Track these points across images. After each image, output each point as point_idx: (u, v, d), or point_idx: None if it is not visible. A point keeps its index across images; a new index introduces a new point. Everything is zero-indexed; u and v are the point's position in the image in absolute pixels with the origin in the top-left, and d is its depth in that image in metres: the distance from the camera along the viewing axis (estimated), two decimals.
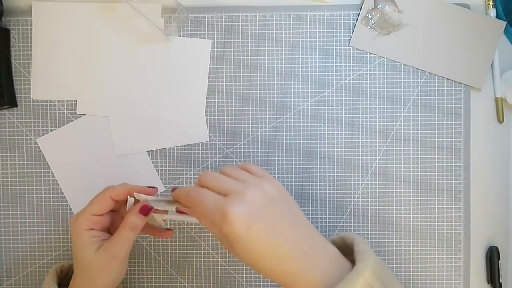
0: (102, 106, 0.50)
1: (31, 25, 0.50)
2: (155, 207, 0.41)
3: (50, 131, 0.50)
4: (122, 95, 0.50)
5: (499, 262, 0.50)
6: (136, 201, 0.42)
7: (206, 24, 0.50)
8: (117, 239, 0.40)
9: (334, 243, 0.37)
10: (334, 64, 0.51)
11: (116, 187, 0.42)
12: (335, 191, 0.51)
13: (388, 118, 0.51)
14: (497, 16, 0.50)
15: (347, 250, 0.36)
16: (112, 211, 0.43)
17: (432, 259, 0.51)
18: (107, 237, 0.42)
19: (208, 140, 0.51)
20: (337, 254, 0.35)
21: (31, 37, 0.50)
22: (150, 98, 0.50)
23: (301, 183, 0.51)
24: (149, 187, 0.43)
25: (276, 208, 0.34)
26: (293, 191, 0.51)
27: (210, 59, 0.51)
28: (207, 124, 0.51)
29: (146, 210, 0.41)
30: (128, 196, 0.42)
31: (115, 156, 0.50)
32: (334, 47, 0.51)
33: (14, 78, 0.50)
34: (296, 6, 0.50)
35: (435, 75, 0.51)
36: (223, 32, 0.50)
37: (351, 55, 0.51)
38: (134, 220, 0.40)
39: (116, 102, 0.50)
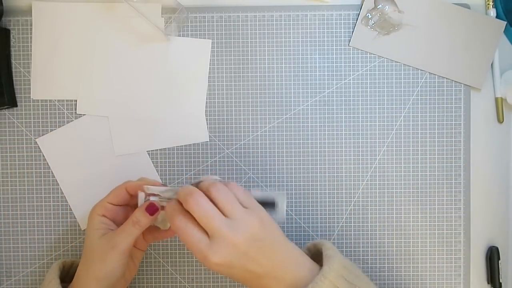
0: (102, 106, 0.50)
1: (31, 25, 0.50)
2: (162, 195, 0.41)
3: (50, 131, 0.50)
4: (122, 95, 0.50)
5: (499, 262, 0.50)
6: (147, 195, 0.42)
7: (206, 24, 0.50)
8: (119, 231, 0.42)
9: (309, 250, 0.43)
10: (334, 64, 0.51)
11: (132, 181, 0.44)
12: (335, 191, 0.51)
13: (388, 118, 0.51)
14: (497, 16, 0.50)
15: (319, 256, 0.40)
16: (129, 206, 0.45)
17: (432, 259, 0.51)
18: (112, 227, 0.43)
19: (208, 140, 0.51)
20: (307, 262, 0.39)
21: (31, 37, 0.50)
22: (150, 98, 0.50)
23: (301, 183, 0.51)
24: (162, 184, 0.44)
25: (258, 247, 0.37)
26: (293, 191, 0.51)
27: (210, 59, 0.51)
28: (207, 124, 0.51)
29: (152, 209, 0.41)
30: (139, 191, 0.42)
31: (115, 156, 0.50)
32: (334, 47, 0.51)
33: (14, 78, 0.50)
34: (296, 6, 0.50)
35: (435, 75, 0.51)
36: (223, 32, 0.50)
37: (351, 55, 0.51)
38: (139, 216, 0.41)
39: (116, 102, 0.50)
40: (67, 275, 0.45)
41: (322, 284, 0.36)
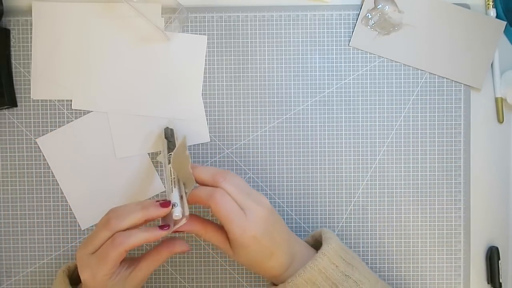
0: (101, 106, 0.50)
1: (31, 25, 0.50)
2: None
3: (50, 131, 0.50)
4: (122, 95, 0.50)
5: (499, 262, 0.50)
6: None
7: (206, 24, 0.50)
8: (148, 264, 0.41)
9: (308, 241, 0.46)
10: (334, 64, 0.51)
11: (132, 239, 0.38)
12: (335, 191, 0.51)
13: (388, 118, 0.51)
14: (497, 16, 0.50)
15: (318, 245, 0.43)
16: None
17: (432, 259, 0.51)
18: (120, 267, 0.40)
19: (209, 140, 0.51)
20: (307, 246, 0.44)
21: (31, 37, 0.50)
22: (150, 98, 0.50)
23: (301, 183, 0.51)
24: (161, 204, 0.40)
25: (273, 220, 0.41)
26: (293, 191, 0.51)
27: (210, 59, 0.50)
28: (207, 125, 0.50)
29: (181, 249, 0.42)
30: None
31: (115, 156, 0.50)
32: (334, 47, 0.51)
33: (14, 78, 0.50)
34: (296, 6, 0.50)
35: (435, 75, 0.51)
36: (223, 32, 0.50)
37: (351, 55, 0.51)
38: (167, 253, 0.42)
39: (115, 102, 0.50)
40: (71, 278, 0.45)
41: (321, 261, 0.40)
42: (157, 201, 0.40)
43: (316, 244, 0.45)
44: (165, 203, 0.40)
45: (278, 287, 0.41)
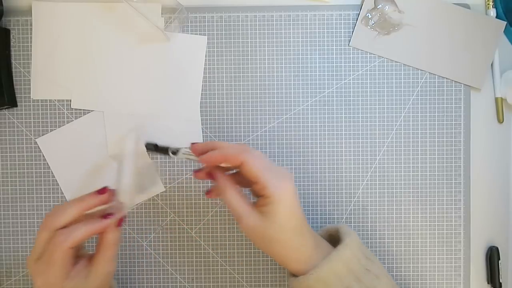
0: (101, 106, 0.50)
1: (31, 25, 0.50)
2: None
3: (50, 131, 0.50)
4: (122, 95, 0.50)
5: (499, 262, 0.50)
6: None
7: (206, 24, 0.50)
8: (105, 259, 0.39)
9: (321, 235, 0.44)
10: (334, 64, 0.51)
11: (73, 237, 0.37)
12: (335, 191, 0.51)
13: (388, 118, 0.51)
14: (497, 16, 0.50)
15: (332, 240, 0.43)
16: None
17: (432, 259, 0.51)
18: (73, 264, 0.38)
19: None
20: (323, 239, 0.43)
21: (31, 37, 0.50)
22: (150, 98, 0.50)
23: (301, 183, 0.51)
24: (97, 191, 0.39)
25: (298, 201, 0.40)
26: None
27: (211, 59, 0.51)
28: (205, 128, 0.50)
29: (120, 221, 0.40)
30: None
31: (108, 153, 0.50)
32: (334, 47, 0.51)
33: (14, 78, 0.50)
34: (296, 6, 0.50)
35: (435, 75, 0.51)
36: (223, 32, 0.50)
37: (351, 55, 0.51)
38: (114, 237, 0.39)
39: (115, 102, 0.50)
40: None
41: (345, 252, 0.39)
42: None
43: (330, 240, 0.43)
44: (102, 190, 0.39)
45: (299, 278, 0.39)
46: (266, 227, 0.38)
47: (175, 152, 0.42)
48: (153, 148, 0.44)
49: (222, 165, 0.41)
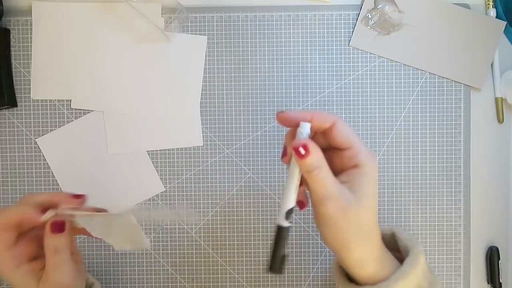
0: (100, 106, 0.50)
1: (31, 25, 0.50)
2: (77, 214, 0.36)
3: (50, 131, 0.50)
4: (122, 95, 0.50)
5: (499, 262, 0.50)
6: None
7: (206, 24, 0.50)
8: (51, 267, 0.35)
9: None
10: (334, 64, 0.51)
11: (26, 210, 0.35)
12: None
13: (388, 118, 0.51)
14: (497, 16, 0.50)
15: (387, 244, 0.38)
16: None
17: (432, 259, 0.51)
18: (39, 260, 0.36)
19: (202, 144, 0.50)
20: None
21: (31, 37, 0.50)
22: (150, 98, 0.50)
23: None
24: (74, 195, 0.37)
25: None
26: None
27: (211, 59, 0.51)
28: (205, 128, 0.50)
29: (58, 226, 0.36)
30: (50, 210, 0.36)
31: (115, 156, 0.50)
32: (334, 47, 0.51)
33: (14, 78, 0.50)
34: (296, 6, 0.50)
35: (435, 75, 0.51)
36: (223, 32, 0.50)
37: (351, 55, 0.51)
38: (52, 243, 0.35)
39: (115, 102, 0.50)
40: None
41: (419, 263, 0.35)
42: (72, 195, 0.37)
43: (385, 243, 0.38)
44: (79, 196, 0.37)
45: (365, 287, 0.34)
46: (359, 205, 0.33)
47: (288, 217, 0.34)
48: (281, 257, 0.34)
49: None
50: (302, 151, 0.32)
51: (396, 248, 0.38)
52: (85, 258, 0.50)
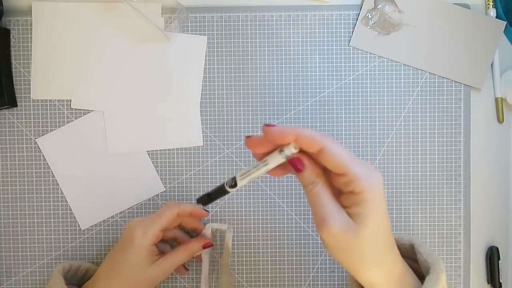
0: (100, 106, 0.50)
1: (31, 25, 0.50)
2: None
3: (50, 131, 0.50)
4: (122, 95, 0.50)
5: (499, 262, 0.50)
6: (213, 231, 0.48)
7: (206, 24, 0.50)
8: (174, 257, 0.44)
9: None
10: (334, 64, 0.51)
11: (183, 205, 0.45)
12: None
13: (388, 118, 0.51)
14: (497, 16, 0.50)
15: (404, 253, 0.36)
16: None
17: None
18: (157, 252, 0.44)
19: (202, 144, 0.50)
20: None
21: (31, 37, 0.50)
22: (149, 98, 0.50)
23: None
24: (204, 244, 0.46)
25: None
26: (293, 191, 0.51)
27: (211, 59, 0.51)
28: (205, 128, 0.50)
29: (208, 246, 0.46)
30: (207, 225, 0.48)
31: (115, 156, 0.50)
32: (334, 47, 0.51)
33: (14, 78, 0.50)
34: (296, 6, 0.50)
35: (435, 75, 0.51)
36: (223, 32, 0.50)
37: (351, 55, 0.51)
38: (194, 247, 0.45)
39: (115, 102, 0.50)
40: (66, 277, 0.45)
41: (440, 282, 0.33)
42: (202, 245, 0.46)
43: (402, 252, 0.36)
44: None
45: None
46: (356, 233, 0.30)
47: (233, 185, 0.35)
48: (207, 198, 0.38)
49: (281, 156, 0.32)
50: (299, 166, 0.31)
51: (413, 258, 0.38)
52: (89, 255, 0.50)
